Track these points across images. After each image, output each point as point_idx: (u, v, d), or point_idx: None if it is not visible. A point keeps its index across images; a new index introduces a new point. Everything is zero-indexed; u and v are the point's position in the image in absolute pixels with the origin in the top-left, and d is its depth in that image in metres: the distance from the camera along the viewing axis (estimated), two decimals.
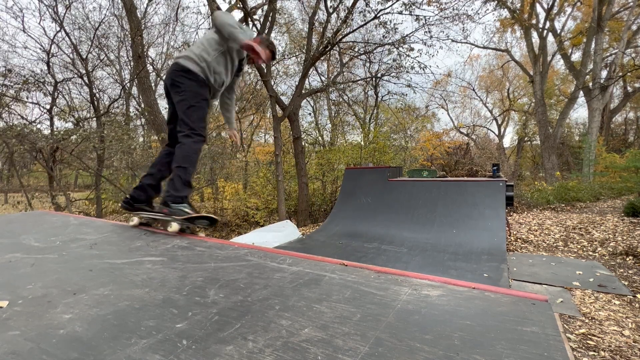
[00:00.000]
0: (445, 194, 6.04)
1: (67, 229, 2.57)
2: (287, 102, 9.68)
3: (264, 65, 8.61)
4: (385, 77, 11.13)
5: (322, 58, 10.90)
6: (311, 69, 11.21)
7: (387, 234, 5.72)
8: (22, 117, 8.12)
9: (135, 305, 1.23)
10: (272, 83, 10.23)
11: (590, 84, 12.77)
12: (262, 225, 9.39)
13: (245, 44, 2.13)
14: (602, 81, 12.70)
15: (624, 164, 10.28)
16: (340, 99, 14.64)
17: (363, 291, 1.35)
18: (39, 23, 11.78)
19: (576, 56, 17.40)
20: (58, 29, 8.10)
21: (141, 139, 13.81)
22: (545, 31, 15.10)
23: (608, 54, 15.11)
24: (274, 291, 1.36)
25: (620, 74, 13.96)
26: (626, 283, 3.61)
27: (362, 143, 12.22)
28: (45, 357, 0.91)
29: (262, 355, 0.90)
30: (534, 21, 14.94)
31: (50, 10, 8.02)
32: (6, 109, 7.58)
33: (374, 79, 12.34)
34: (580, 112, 34.20)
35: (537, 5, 14.88)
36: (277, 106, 8.94)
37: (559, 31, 15.97)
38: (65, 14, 8.37)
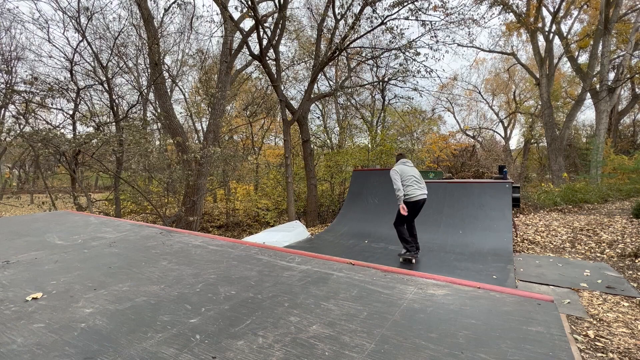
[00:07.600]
0: (452, 195, 6.09)
1: (88, 227, 2.70)
2: (297, 106, 9.91)
3: (274, 70, 8.89)
4: (392, 81, 11.30)
5: (330, 63, 11.12)
6: (320, 74, 11.45)
7: (394, 234, 5.83)
8: (47, 122, 8.51)
9: (151, 301, 1.29)
10: (282, 88, 10.49)
11: (598, 86, 12.72)
12: (272, 225, 9.57)
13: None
14: (609, 83, 12.64)
15: (633, 165, 10.21)
16: (348, 103, 14.85)
17: (370, 290, 1.38)
18: (63, 33, 12.34)
19: (583, 58, 17.32)
20: (80, 38, 8.48)
21: (157, 143, 14.20)
22: (551, 34, 15.09)
23: (615, 56, 15.01)
24: (284, 289, 1.40)
25: (628, 75, 13.90)
26: (635, 285, 3.53)
27: (370, 145, 12.37)
28: (68, 349, 0.94)
29: (272, 350, 0.92)
30: (540, 24, 14.96)
31: (73, 21, 8.43)
32: (32, 114, 8.00)
33: (381, 83, 12.50)
34: (587, 114, 33.68)
35: (543, 8, 14.93)
36: (286, 110, 9.15)
37: (565, 34, 15.94)
38: (87, 24, 8.77)
